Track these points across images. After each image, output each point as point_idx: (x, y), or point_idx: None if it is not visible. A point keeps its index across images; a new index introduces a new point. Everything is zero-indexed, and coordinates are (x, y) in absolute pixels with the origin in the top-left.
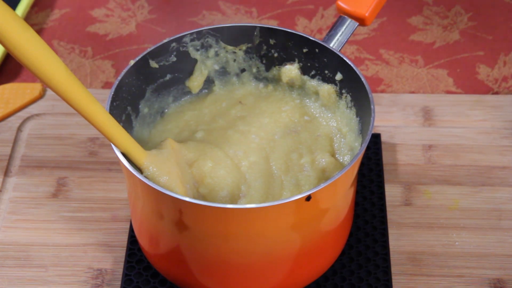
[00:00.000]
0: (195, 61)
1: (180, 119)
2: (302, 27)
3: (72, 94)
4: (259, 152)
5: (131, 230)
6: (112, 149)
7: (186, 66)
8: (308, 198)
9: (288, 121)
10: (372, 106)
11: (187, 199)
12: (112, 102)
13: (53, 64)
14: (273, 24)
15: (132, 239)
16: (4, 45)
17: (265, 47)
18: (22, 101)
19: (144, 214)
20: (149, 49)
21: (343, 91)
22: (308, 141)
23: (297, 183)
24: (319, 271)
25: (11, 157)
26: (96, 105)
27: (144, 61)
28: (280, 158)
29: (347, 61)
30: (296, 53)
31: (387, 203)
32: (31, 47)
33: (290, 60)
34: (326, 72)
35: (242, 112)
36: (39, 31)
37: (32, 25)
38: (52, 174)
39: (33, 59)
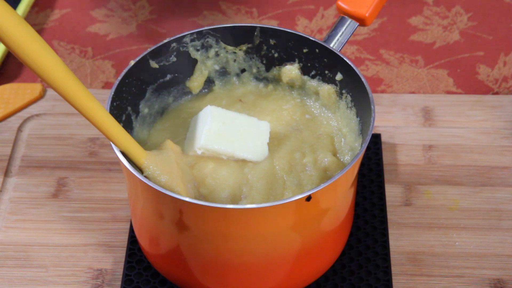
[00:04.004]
0: (195, 61)
1: (178, 117)
2: (303, 27)
3: (72, 92)
4: None
5: (131, 230)
6: (112, 149)
7: (186, 66)
8: (309, 198)
9: (289, 119)
10: (372, 106)
11: (187, 199)
12: (112, 102)
13: (52, 62)
14: (273, 24)
15: (132, 239)
16: (4, 42)
17: (265, 47)
18: (22, 101)
19: (144, 214)
20: (149, 49)
21: (343, 91)
22: (310, 140)
23: (299, 183)
24: (319, 271)
25: (11, 157)
26: (95, 104)
27: (144, 61)
28: (283, 158)
29: (347, 61)
30: (296, 53)
31: (387, 203)
32: (31, 45)
33: (290, 60)
34: (326, 72)
35: (242, 110)
36: (40, 31)
37: (32, 25)
38: (52, 174)
39: (34, 56)
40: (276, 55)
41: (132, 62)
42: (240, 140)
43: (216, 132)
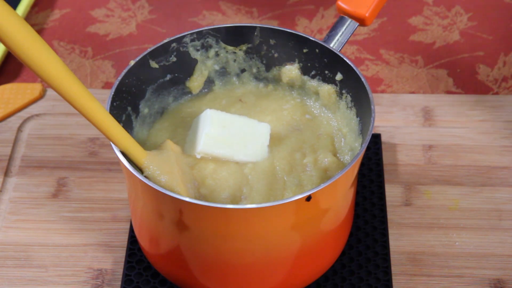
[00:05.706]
0: (195, 61)
1: (178, 117)
2: (303, 27)
3: (72, 92)
4: None
5: (131, 230)
6: (112, 149)
7: (186, 66)
8: (308, 198)
9: (290, 119)
10: (372, 106)
11: (187, 199)
12: (112, 102)
13: (52, 62)
14: (273, 24)
15: (132, 239)
16: (4, 42)
17: (265, 47)
18: (22, 101)
19: (144, 214)
20: (149, 49)
21: (343, 91)
22: (311, 140)
23: (300, 183)
24: (319, 271)
25: (11, 157)
26: (95, 104)
27: (144, 61)
28: (284, 158)
29: (347, 61)
30: (296, 53)
31: (387, 203)
32: (31, 45)
33: (290, 60)
34: (326, 72)
35: (242, 110)
36: (39, 31)
37: (32, 25)
38: (52, 174)
39: (34, 57)
40: (276, 55)
41: (132, 62)
42: (239, 143)
43: (215, 136)
